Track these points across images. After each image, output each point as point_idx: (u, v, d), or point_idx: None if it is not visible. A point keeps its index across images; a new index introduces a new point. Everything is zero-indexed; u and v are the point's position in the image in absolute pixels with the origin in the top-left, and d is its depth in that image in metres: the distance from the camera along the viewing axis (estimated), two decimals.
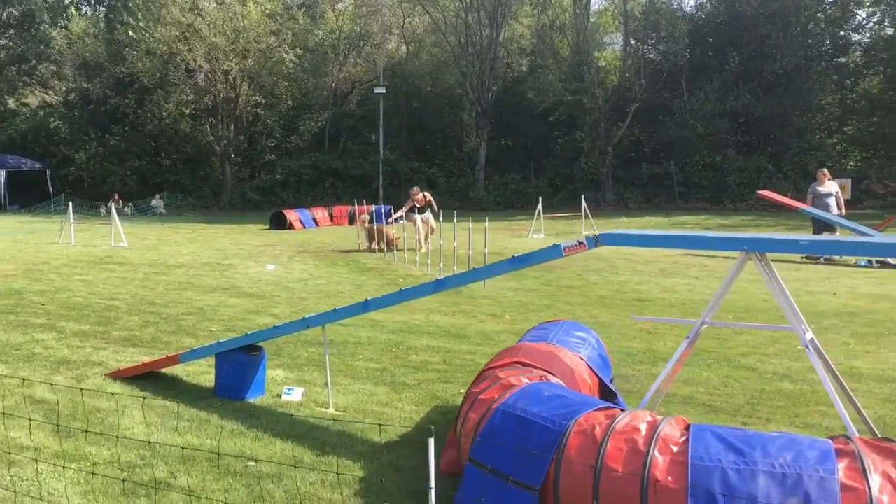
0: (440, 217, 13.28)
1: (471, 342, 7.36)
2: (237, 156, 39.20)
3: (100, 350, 6.98)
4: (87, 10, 44.72)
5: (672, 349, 5.32)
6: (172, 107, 36.97)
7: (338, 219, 26.97)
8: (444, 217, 13.28)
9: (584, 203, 21.90)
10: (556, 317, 7.68)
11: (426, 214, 16.26)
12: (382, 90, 36.69)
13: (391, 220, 17.87)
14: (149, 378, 5.91)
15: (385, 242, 16.11)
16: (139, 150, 39.17)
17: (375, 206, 21.96)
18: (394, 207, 22.55)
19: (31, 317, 8.67)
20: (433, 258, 13.31)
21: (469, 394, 4.01)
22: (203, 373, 6.04)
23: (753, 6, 33.57)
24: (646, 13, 35.89)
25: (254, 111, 38.18)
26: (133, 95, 37.72)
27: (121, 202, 32.86)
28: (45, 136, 40.26)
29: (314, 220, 25.78)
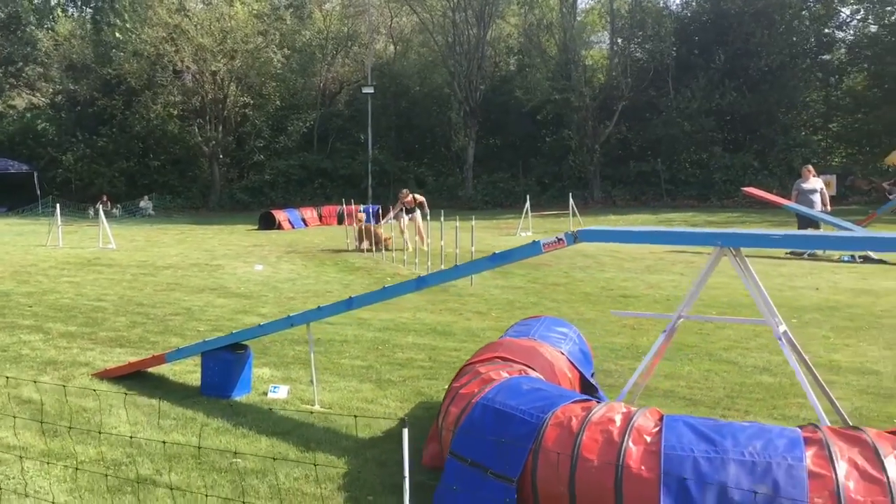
0: (427, 217, 13.35)
1: (456, 339, 7.42)
2: (226, 156, 39.15)
3: (87, 351, 7.01)
4: (74, 12, 44.60)
5: None
6: (160, 108, 36.94)
7: (327, 219, 27.01)
8: (433, 216, 13.34)
9: (572, 201, 22.02)
10: (543, 314, 7.73)
11: (415, 213, 16.33)
12: (371, 90, 36.78)
13: (383, 222, 17.92)
14: (135, 378, 5.94)
15: (374, 242, 16.16)
16: (127, 152, 39.09)
17: (363, 206, 22.01)
18: (382, 207, 22.63)
19: (19, 318, 8.68)
20: (420, 257, 13.36)
21: (450, 388, 4.07)
22: (189, 372, 6.08)
23: (738, 4, 33.80)
24: (632, 11, 36.07)
25: (242, 112, 38.14)
26: (120, 97, 37.66)
27: (109, 204, 32.74)
28: (33, 138, 40.16)
29: (303, 221, 25.82)
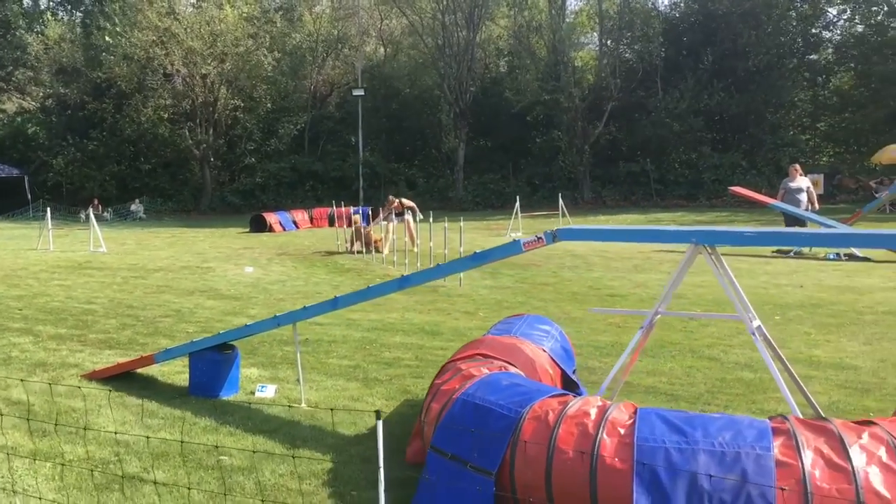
0: (417, 218, 13.41)
1: (443, 339, 7.50)
2: (216, 159, 39.11)
3: (76, 352, 7.06)
4: (64, 16, 44.48)
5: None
6: (151, 111, 36.86)
7: (318, 221, 27.06)
8: (423, 218, 13.41)
9: (561, 201, 22.13)
10: (530, 313, 7.82)
11: (405, 216, 16.39)
12: (361, 92, 36.81)
13: (374, 224, 17.98)
14: (124, 378, 5.99)
15: (364, 244, 16.23)
16: (118, 155, 39.00)
17: (354, 208, 22.07)
18: (373, 209, 22.72)
19: (9, 321, 8.72)
20: (410, 258, 13.44)
21: (433, 385, 4.15)
22: (178, 372, 6.14)
23: (726, 5, 34.01)
24: (621, 13, 36.23)
25: (232, 115, 38.10)
26: (111, 100, 37.59)
27: (100, 207, 32.68)
28: (23, 142, 40.02)
29: (294, 223, 25.84)
